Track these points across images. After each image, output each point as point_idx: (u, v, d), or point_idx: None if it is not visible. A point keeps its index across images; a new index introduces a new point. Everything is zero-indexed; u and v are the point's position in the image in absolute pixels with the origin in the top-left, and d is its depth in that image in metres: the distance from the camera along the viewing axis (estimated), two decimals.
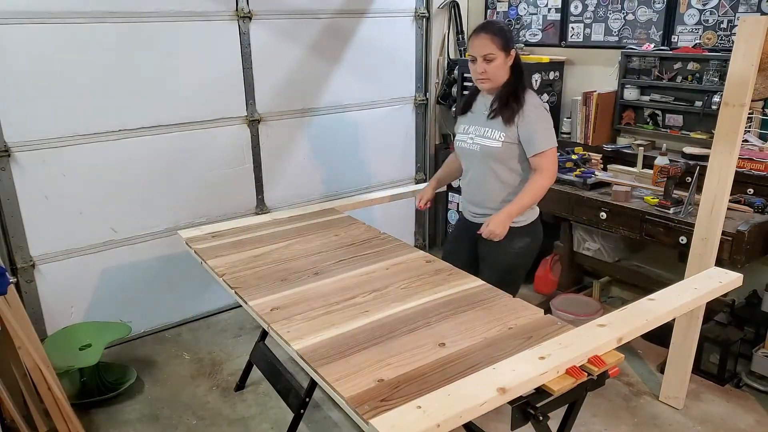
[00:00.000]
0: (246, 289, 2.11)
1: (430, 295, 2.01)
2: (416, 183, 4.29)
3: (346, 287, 2.10)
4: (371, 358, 1.68)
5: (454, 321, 1.85)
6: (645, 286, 3.29)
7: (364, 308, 1.94)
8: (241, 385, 2.84)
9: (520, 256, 2.40)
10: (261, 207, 3.63)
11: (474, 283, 2.11)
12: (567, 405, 1.70)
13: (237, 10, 3.26)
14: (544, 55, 3.71)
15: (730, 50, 2.32)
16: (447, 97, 4.16)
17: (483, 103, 2.39)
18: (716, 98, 2.91)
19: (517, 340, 1.72)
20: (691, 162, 2.88)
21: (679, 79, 3.17)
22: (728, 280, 2.02)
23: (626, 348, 3.07)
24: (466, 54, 2.33)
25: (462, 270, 2.23)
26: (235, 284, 2.15)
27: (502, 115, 2.27)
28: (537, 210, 2.43)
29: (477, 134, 2.36)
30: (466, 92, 2.48)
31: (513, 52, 2.27)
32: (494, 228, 2.25)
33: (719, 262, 2.54)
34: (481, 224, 2.32)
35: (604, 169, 3.33)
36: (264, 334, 2.84)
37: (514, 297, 2.02)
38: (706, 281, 2.02)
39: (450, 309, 1.92)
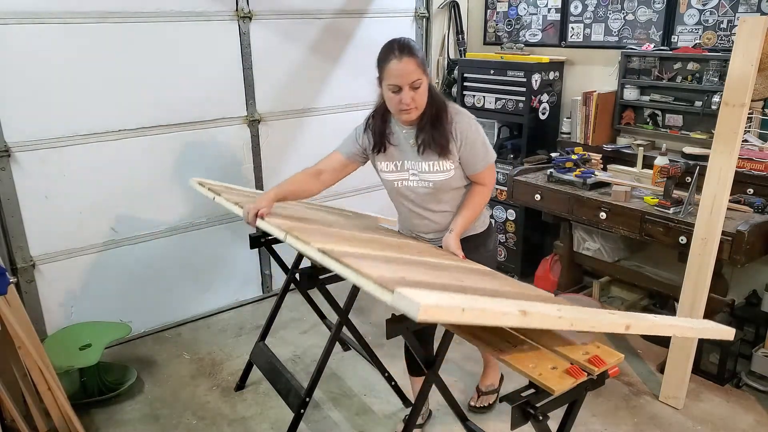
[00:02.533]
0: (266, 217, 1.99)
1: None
2: None
3: (375, 239, 2.04)
4: (398, 268, 1.61)
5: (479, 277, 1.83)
6: (645, 286, 3.29)
7: (396, 249, 1.89)
8: (241, 385, 2.84)
9: (492, 258, 2.30)
10: None
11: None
12: (567, 405, 1.70)
13: (237, 10, 3.26)
14: (544, 55, 3.71)
15: (730, 50, 2.33)
16: (447, 97, 4.16)
17: (403, 135, 2.11)
18: (716, 98, 2.91)
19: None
20: (691, 162, 2.88)
21: (679, 79, 3.17)
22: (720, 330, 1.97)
23: (626, 348, 3.08)
24: (385, 84, 1.97)
25: None
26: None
27: (437, 146, 2.02)
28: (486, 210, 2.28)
29: (419, 170, 2.08)
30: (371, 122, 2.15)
31: (428, 71, 2.02)
32: (454, 251, 2.07)
33: (719, 262, 2.54)
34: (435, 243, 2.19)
35: (604, 169, 3.33)
36: (264, 334, 2.85)
37: None
38: (701, 323, 2.00)
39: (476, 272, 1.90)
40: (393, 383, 2.69)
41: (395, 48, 1.95)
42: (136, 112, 3.07)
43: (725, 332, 1.93)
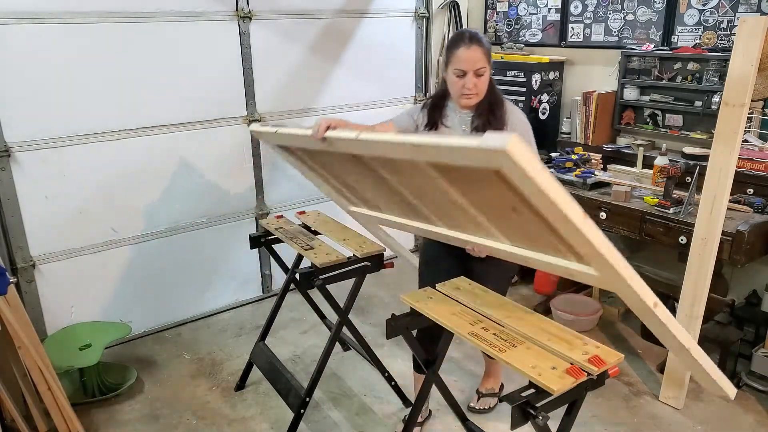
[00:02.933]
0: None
1: None
2: None
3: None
4: None
5: None
6: None
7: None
8: (241, 385, 2.84)
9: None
10: (261, 207, 3.63)
11: None
12: (567, 405, 1.70)
13: (237, 10, 3.26)
14: (544, 55, 3.72)
15: (730, 50, 2.32)
16: None
17: (458, 119, 2.20)
18: (716, 98, 2.91)
19: None
20: (691, 162, 2.88)
21: (679, 79, 3.17)
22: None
23: (626, 348, 3.08)
24: (451, 68, 2.10)
25: None
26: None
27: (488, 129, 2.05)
28: None
29: None
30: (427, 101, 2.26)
31: (491, 63, 2.14)
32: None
33: (719, 262, 2.54)
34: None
35: (604, 169, 3.33)
36: (264, 334, 2.85)
37: None
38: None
39: None
40: (393, 383, 2.69)
41: (466, 36, 2.09)
42: (136, 112, 3.07)
43: (727, 387, 1.89)
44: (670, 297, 3.19)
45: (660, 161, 2.94)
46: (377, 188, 2.14)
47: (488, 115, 2.11)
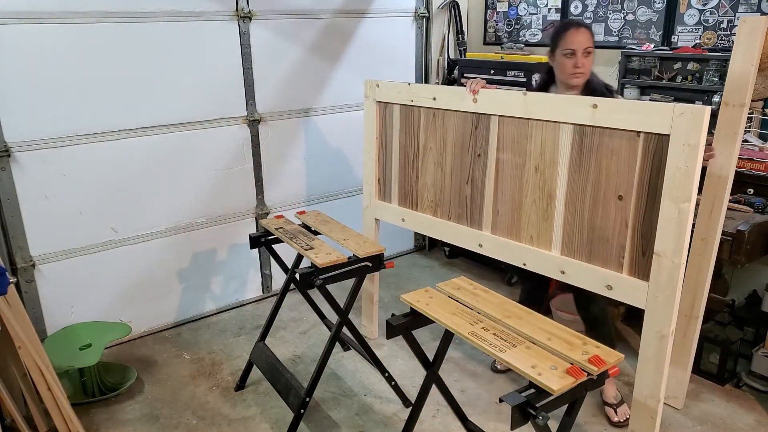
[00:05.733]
0: None
1: None
2: None
3: None
4: None
5: None
6: None
7: None
8: (241, 385, 2.84)
9: None
10: (261, 207, 3.63)
11: None
12: (567, 405, 1.70)
13: (237, 10, 3.26)
14: (544, 56, 3.70)
15: (730, 50, 2.32)
16: None
17: None
18: (716, 98, 2.91)
19: None
20: None
21: (679, 79, 3.17)
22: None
23: (626, 348, 3.08)
24: (560, 50, 2.37)
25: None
26: None
27: None
28: None
29: None
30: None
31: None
32: None
33: (719, 262, 2.54)
34: None
35: None
36: (264, 334, 2.85)
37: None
38: None
39: None
40: (393, 383, 2.69)
41: (573, 22, 2.41)
42: (136, 112, 3.07)
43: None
44: None
45: None
46: (447, 172, 2.67)
47: (593, 96, 2.23)
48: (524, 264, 2.41)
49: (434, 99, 2.64)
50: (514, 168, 2.38)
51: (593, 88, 2.40)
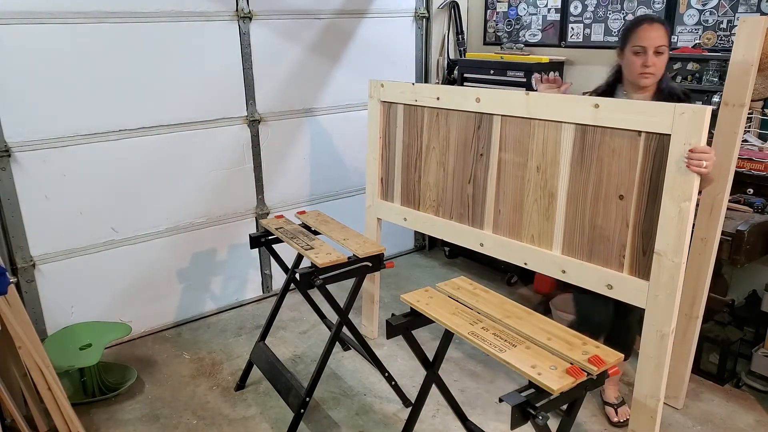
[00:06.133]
0: None
1: None
2: None
3: None
4: None
5: None
6: None
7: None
8: (241, 385, 2.84)
9: None
10: (261, 207, 3.64)
11: None
12: (567, 405, 1.70)
13: (237, 10, 3.26)
14: (544, 55, 3.71)
15: (730, 50, 2.32)
16: None
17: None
18: (716, 98, 2.91)
19: None
20: None
21: (678, 79, 3.17)
22: None
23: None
24: (630, 47, 2.17)
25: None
26: None
27: None
28: None
29: None
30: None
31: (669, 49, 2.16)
32: None
33: (719, 262, 2.55)
34: None
35: None
36: (264, 334, 2.85)
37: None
38: None
39: None
40: (393, 383, 2.69)
41: (647, 17, 2.19)
42: (137, 112, 3.07)
43: None
44: None
45: None
46: (450, 169, 2.65)
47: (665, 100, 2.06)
48: (525, 263, 2.41)
49: (438, 99, 2.65)
50: (516, 167, 2.38)
51: (667, 92, 2.20)
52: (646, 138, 1.94)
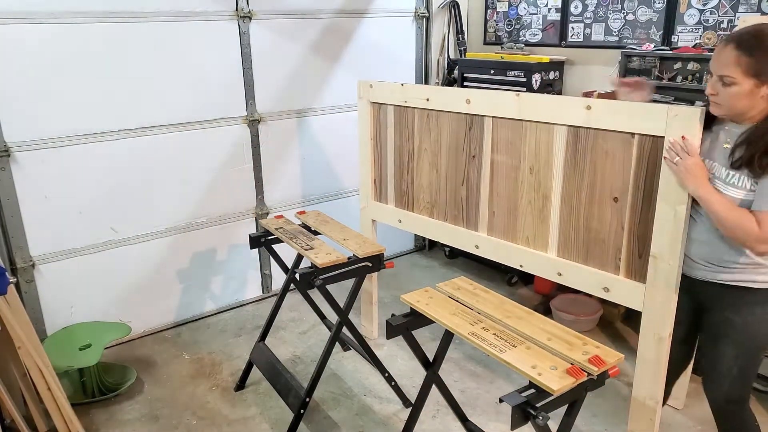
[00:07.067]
0: None
1: None
2: None
3: None
4: None
5: None
6: None
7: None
8: (241, 385, 2.84)
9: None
10: (261, 207, 3.63)
11: None
12: (567, 405, 1.70)
13: (237, 10, 3.26)
14: (544, 55, 3.71)
15: None
16: None
17: (723, 131, 1.80)
18: None
19: None
20: None
21: (679, 79, 3.17)
22: None
23: (626, 348, 3.08)
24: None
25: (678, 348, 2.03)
26: None
27: (753, 165, 1.65)
28: None
29: (718, 176, 1.75)
30: None
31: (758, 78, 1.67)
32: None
33: None
34: (709, 284, 1.85)
35: None
36: (264, 334, 2.85)
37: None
38: None
39: None
40: (393, 383, 2.69)
41: (729, 37, 1.79)
42: (136, 112, 3.07)
43: None
44: None
45: None
46: (443, 172, 2.63)
47: (760, 150, 1.65)
48: (521, 266, 2.40)
49: (427, 100, 2.64)
50: (509, 169, 2.37)
51: (761, 145, 1.67)
52: (639, 140, 1.93)
